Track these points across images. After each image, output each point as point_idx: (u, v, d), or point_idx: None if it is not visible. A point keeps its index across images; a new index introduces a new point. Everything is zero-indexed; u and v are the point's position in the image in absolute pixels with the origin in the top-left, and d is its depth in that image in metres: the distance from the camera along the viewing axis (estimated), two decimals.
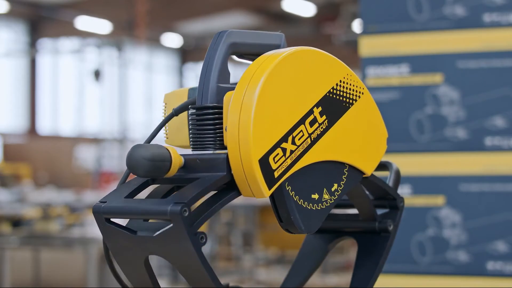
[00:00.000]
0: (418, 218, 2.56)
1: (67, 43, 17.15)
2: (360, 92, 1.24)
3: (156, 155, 1.13)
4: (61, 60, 20.17)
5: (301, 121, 1.17)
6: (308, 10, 18.95)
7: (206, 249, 9.23)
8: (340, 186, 1.23)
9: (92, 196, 10.79)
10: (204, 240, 1.11)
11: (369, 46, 2.65)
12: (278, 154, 1.14)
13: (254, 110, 1.12)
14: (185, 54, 23.65)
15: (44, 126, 20.33)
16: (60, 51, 17.73)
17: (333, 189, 1.22)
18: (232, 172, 1.14)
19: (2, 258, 7.16)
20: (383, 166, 1.39)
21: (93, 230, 6.94)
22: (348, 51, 15.85)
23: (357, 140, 1.24)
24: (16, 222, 7.53)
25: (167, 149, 1.15)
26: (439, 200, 2.57)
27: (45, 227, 7.11)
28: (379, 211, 1.38)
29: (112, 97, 18.86)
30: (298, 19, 19.89)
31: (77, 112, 20.31)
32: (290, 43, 1.25)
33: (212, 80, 1.21)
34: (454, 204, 2.56)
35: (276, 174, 1.14)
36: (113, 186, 11.37)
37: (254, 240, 9.98)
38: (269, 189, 1.13)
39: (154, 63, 22.75)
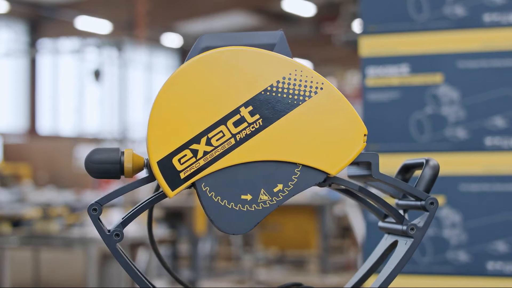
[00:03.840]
0: None
1: (67, 43, 17.15)
2: (317, 88, 1.19)
3: (104, 159, 1.18)
4: (61, 60, 20.17)
5: (221, 122, 1.16)
6: (308, 10, 18.94)
7: (206, 249, 9.23)
8: (288, 187, 1.19)
9: (92, 196, 10.79)
10: (119, 237, 1.16)
11: (369, 46, 2.65)
12: (185, 155, 1.15)
13: (151, 115, 1.15)
14: (185, 54, 23.55)
15: (44, 126, 20.33)
16: (60, 51, 17.73)
17: (276, 189, 1.18)
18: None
19: (2, 258, 7.16)
20: (419, 164, 1.32)
21: (93, 230, 6.93)
22: (348, 51, 15.86)
23: (314, 139, 1.19)
24: (16, 222, 7.52)
25: (123, 153, 1.19)
26: (439, 200, 2.56)
27: (45, 227, 7.10)
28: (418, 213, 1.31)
29: (112, 97, 18.87)
30: (298, 19, 19.88)
31: (77, 112, 20.32)
32: (290, 43, 1.25)
33: None
34: (454, 204, 2.56)
35: (182, 175, 1.15)
36: (113, 187, 11.37)
37: (254, 240, 9.97)
38: (173, 190, 1.15)
39: (154, 63, 22.74)
